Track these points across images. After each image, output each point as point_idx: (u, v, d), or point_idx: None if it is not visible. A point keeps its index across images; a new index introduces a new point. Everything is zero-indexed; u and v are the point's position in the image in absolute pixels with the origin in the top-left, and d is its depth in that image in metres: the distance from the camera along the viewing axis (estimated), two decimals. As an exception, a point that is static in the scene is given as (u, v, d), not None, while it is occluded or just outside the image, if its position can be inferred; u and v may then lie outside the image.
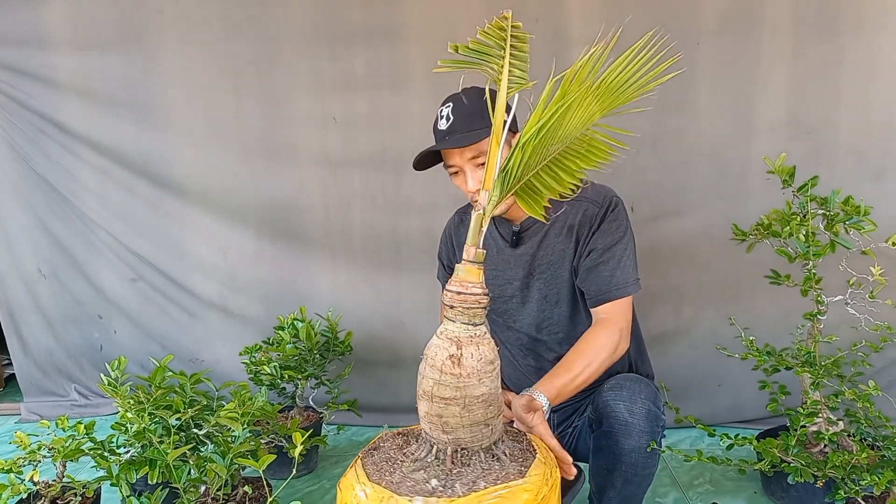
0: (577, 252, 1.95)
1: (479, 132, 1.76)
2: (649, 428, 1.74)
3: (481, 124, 1.76)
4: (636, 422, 1.73)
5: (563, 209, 1.97)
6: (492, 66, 1.44)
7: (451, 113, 1.82)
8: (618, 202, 1.96)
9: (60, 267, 3.49)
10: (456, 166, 1.86)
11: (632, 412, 1.73)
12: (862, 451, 1.93)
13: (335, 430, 3.15)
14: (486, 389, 1.39)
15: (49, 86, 3.24)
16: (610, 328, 1.86)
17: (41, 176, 3.35)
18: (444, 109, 1.85)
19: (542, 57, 2.86)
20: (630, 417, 1.73)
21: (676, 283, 3.06)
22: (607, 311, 1.91)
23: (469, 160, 1.83)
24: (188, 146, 3.26)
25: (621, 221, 1.93)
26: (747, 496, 2.57)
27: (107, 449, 2.09)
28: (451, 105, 1.84)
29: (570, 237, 1.96)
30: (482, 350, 1.39)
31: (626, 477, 1.77)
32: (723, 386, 3.13)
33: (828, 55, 2.80)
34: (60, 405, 3.55)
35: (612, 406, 1.76)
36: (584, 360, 1.81)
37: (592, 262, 1.91)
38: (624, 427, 1.74)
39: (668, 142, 2.95)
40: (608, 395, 1.79)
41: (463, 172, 1.86)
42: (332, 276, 3.30)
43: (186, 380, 2.13)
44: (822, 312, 2.21)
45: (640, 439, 1.73)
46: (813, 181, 2.14)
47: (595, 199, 1.96)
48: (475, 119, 1.79)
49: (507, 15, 1.37)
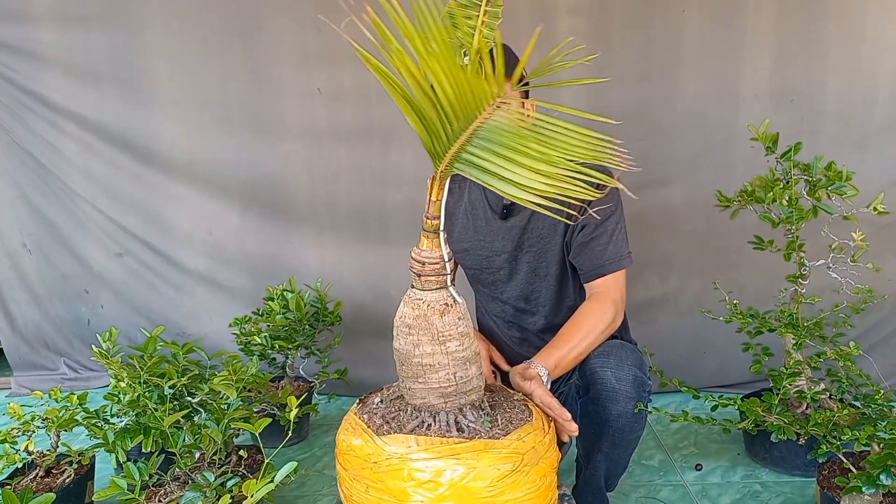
0: (568, 226, 1.97)
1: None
2: (636, 394, 1.78)
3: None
4: (623, 388, 1.76)
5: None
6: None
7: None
8: (612, 200, 1.97)
9: (45, 242, 3.48)
10: None
11: (619, 378, 1.77)
12: (843, 410, 1.98)
13: (326, 399, 3.18)
14: (452, 350, 1.42)
15: (31, 60, 3.20)
16: (605, 301, 1.89)
17: (25, 150, 3.33)
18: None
19: (527, 26, 2.89)
20: (617, 384, 1.76)
21: (663, 251, 3.10)
22: (602, 285, 1.93)
23: None
24: (172, 119, 3.24)
25: (613, 196, 1.95)
26: (731, 457, 2.63)
27: (101, 418, 2.11)
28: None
29: (560, 211, 1.96)
30: (446, 318, 1.43)
31: (613, 441, 1.81)
32: (708, 353, 3.18)
33: (812, 24, 2.82)
34: (50, 379, 3.55)
35: (600, 373, 1.79)
36: (581, 332, 1.84)
37: (585, 238, 1.93)
38: (611, 393, 1.77)
39: (654, 111, 2.98)
40: (595, 361, 1.82)
41: None
42: (319, 248, 3.31)
43: (179, 349, 2.14)
44: (804, 275, 2.25)
45: (626, 405, 1.77)
46: (797, 147, 2.17)
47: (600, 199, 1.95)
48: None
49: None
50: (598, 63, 2.92)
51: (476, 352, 1.49)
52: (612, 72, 2.94)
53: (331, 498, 2.46)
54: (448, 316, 1.43)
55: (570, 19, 2.90)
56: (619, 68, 2.94)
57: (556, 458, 1.51)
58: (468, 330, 1.47)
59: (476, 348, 1.49)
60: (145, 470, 1.71)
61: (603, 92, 2.97)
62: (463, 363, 1.44)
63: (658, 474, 2.55)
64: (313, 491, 2.52)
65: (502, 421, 1.49)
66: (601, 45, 2.92)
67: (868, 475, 1.63)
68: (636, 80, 2.95)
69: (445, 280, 1.45)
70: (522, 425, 1.46)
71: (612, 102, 2.97)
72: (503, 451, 1.37)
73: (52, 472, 2.29)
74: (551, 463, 1.48)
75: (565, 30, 2.91)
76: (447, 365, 1.42)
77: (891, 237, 2.92)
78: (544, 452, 1.46)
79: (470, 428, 1.44)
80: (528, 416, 1.52)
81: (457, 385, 1.44)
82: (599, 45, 2.92)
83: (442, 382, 1.43)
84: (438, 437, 1.39)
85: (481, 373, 1.52)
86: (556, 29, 2.92)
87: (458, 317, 1.44)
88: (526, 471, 1.38)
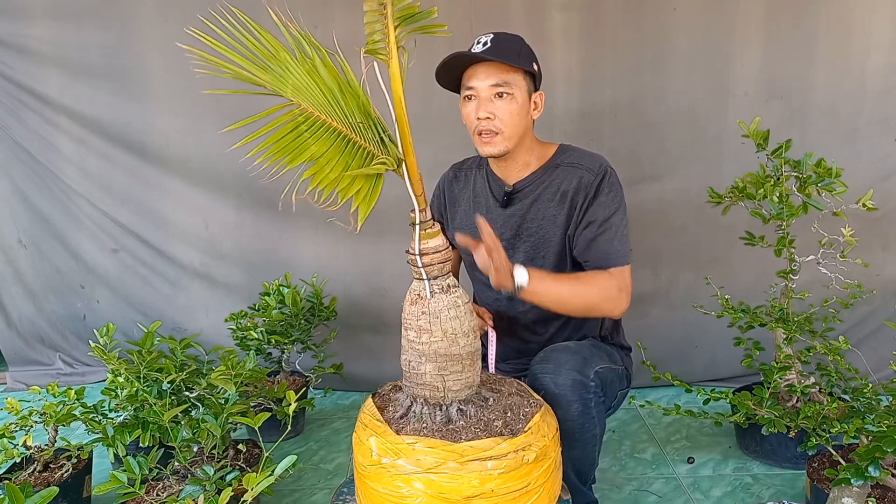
0: (571, 220, 1.98)
1: (517, 60, 1.84)
2: (576, 396, 1.78)
3: (517, 60, 1.84)
4: (562, 392, 1.77)
5: (556, 175, 2.00)
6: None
7: (491, 41, 1.85)
8: (612, 172, 1.99)
9: (41, 237, 3.49)
10: (474, 90, 1.88)
11: (556, 384, 1.78)
12: (832, 403, 2.02)
13: (322, 394, 3.20)
14: (450, 335, 1.47)
15: (26, 55, 3.21)
16: (612, 281, 1.90)
17: (20, 145, 3.33)
18: (484, 37, 1.87)
19: (521, 21, 2.91)
20: (556, 389, 1.78)
21: (654, 245, 3.12)
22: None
23: (490, 86, 1.85)
24: (167, 114, 3.25)
25: (617, 191, 1.97)
26: (722, 451, 2.66)
27: (99, 412, 2.12)
28: (492, 35, 1.87)
29: (562, 203, 1.98)
30: (438, 304, 1.48)
31: (568, 443, 1.80)
32: (699, 347, 3.21)
33: (801, 19, 2.85)
34: (45, 374, 3.56)
35: (540, 379, 1.82)
36: (579, 284, 1.87)
37: (592, 234, 1.95)
38: (552, 398, 1.78)
39: (645, 106, 3.00)
40: (536, 368, 1.85)
41: (477, 98, 1.88)
42: (314, 244, 3.33)
43: (176, 344, 2.16)
44: (794, 271, 2.28)
45: (568, 409, 1.77)
46: (787, 144, 2.20)
47: (590, 166, 1.98)
48: (513, 54, 1.85)
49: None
50: (591, 58, 2.95)
51: (479, 347, 1.53)
52: (603, 67, 2.97)
53: (327, 491, 2.49)
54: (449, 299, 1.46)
55: (562, 14, 2.92)
56: (611, 64, 2.96)
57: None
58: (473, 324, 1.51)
59: (478, 345, 1.52)
60: (145, 464, 1.72)
61: (595, 87, 2.99)
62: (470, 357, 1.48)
63: (651, 467, 2.58)
64: (309, 485, 2.54)
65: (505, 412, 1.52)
66: (593, 40, 2.94)
67: (857, 467, 1.66)
68: (628, 75, 2.97)
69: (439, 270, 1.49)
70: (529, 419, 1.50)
71: (603, 97, 2.99)
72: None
73: (49, 467, 2.31)
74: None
75: (558, 25, 2.93)
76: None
77: (878, 231, 2.95)
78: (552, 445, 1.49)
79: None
80: (533, 406, 1.55)
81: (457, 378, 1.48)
82: (591, 40, 2.94)
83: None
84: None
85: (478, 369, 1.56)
86: (550, 24, 2.94)
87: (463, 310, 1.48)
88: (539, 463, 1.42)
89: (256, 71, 1.44)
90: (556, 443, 1.51)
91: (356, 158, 1.47)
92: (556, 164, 2.01)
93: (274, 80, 1.46)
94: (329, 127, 1.48)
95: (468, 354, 1.51)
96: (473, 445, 1.40)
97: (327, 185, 1.44)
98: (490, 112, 1.86)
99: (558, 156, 2.04)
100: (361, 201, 1.47)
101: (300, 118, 1.47)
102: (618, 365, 2.05)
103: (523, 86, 1.89)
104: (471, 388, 1.55)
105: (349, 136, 1.48)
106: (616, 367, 2.03)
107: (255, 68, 1.44)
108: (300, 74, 1.45)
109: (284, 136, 1.46)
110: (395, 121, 1.41)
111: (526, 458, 1.42)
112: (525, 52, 1.91)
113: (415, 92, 2.01)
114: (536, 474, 1.44)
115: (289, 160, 1.46)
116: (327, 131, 1.48)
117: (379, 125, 1.48)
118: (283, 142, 1.46)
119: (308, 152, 1.46)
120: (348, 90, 1.44)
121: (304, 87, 1.46)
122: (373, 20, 1.37)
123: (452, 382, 1.51)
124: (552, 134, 2.93)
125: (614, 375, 2.01)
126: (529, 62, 1.90)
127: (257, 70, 1.44)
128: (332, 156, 1.47)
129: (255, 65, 1.44)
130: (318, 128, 1.48)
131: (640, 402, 2.43)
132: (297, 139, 1.47)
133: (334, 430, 3.00)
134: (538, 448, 1.44)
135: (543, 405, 1.58)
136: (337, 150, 1.47)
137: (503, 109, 1.87)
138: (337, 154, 1.47)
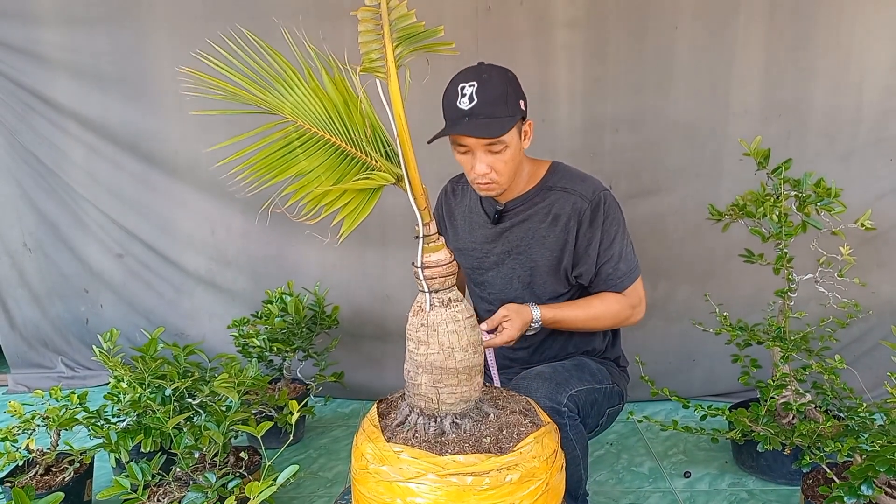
0: (565, 245, 2.02)
1: (504, 121, 1.81)
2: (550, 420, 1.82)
3: (504, 112, 1.81)
4: None
5: (548, 198, 2.03)
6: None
7: (476, 94, 1.80)
8: (606, 196, 2.01)
9: (46, 241, 3.52)
10: (468, 147, 1.87)
11: None
12: (827, 421, 2.04)
13: (322, 402, 3.22)
14: (450, 347, 1.50)
15: (36, 61, 3.24)
16: (625, 301, 2.03)
17: (29, 150, 3.37)
18: (468, 88, 1.81)
19: (526, 37, 2.94)
20: None
21: (653, 258, 3.15)
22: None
23: (484, 145, 1.85)
24: (176, 121, 3.28)
25: (615, 215, 2.01)
26: (718, 466, 2.68)
27: (102, 417, 2.14)
28: (476, 85, 1.81)
29: (554, 226, 2.02)
30: (436, 317, 1.51)
31: None
32: (697, 361, 3.23)
33: (800, 41, 2.88)
34: (47, 377, 3.59)
35: None
36: (591, 309, 2.02)
37: (597, 265, 2.02)
38: None
39: (646, 122, 3.03)
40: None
41: (473, 154, 1.88)
42: (319, 250, 3.36)
43: (180, 351, 2.18)
44: (792, 290, 2.30)
45: None
46: (787, 164, 2.23)
47: (584, 193, 2.00)
48: (499, 105, 1.81)
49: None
50: (594, 75, 2.99)
51: (480, 363, 1.55)
52: (606, 83, 3.00)
53: (326, 499, 2.50)
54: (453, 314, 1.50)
55: (567, 32, 2.95)
56: (614, 80, 3.00)
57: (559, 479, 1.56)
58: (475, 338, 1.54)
59: (478, 361, 1.55)
60: (148, 470, 1.74)
61: (597, 103, 3.02)
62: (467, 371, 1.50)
63: (647, 481, 2.60)
64: (308, 492, 2.56)
65: (500, 429, 1.54)
66: (597, 57, 2.97)
67: (850, 485, 1.68)
68: (630, 91, 3.00)
69: (446, 283, 1.52)
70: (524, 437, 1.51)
71: (606, 113, 3.03)
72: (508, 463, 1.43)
73: (51, 471, 2.33)
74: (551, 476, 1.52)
75: (563, 42, 2.96)
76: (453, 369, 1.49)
77: (874, 251, 2.98)
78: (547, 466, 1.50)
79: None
80: (530, 427, 1.56)
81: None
82: (595, 57, 2.97)
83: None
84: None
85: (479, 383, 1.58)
86: (554, 41, 2.97)
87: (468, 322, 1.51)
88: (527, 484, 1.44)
89: (258, 92, 1.46)
90: (549, 465, 1.51)
91: (351, 173, 1.49)
92: (549, 187, 2.05)
93: (274, 102, 1.48)
94: (325, 142, 1.50)
95: (465, 369, 1.53)
96: (456, 460, 1.41)
97: (312, 198, 1.46)
98: (487, 166, 1.88)
99: (550, 176, 2.07)
100: (348, 214, 1.49)
101: (294, 135, 1.49)
102: (604, 384, 2.06)
103: (514, 132, 1.88)
104: (467, 402, 1.56)
105: (348, 150, 1.50)
106: (601, 386, 2.04)
107: (258, 89, 1.46)
108: (303, 93, 1.47)
109: (273, 152, 1.48)
110: (396, 137, 1.43)
111: (509, 477, 1.42)
112: (512, 98, 1.86)
113: (421, 104, 2.03)
114: (521, 495, 1.44)
115: (273, 175, 1.48)
116: (322, 147, 1.50)
117: (384, 140, 1.50)
118: (271, 158, 1.48)
119: (296, 168, 1.48)
120: (355, 105, 1.47)
121: (304, 104, 1.48)
122: (368, 39, 1.39)
123: (447, 395, 1.53)
124: (555, 147, 2.98)
125: (598, 395, 2.02)
126: (516, 107, 1.86)
127: (259, 91, 1.46)
128: (322, 170, 1.48)
129: (258, 86, 1.47)
130: (313, 143, 1.50)
131: (639, 416, 2.45)
132: (286, 156, 1.49)
133: (334, 439, 3.02)
134: (525, 469, 1.44)
135: (545, 426, 1.58)
136: (331, 164, 1.49)
137: (499, 162, 1.88)
138: (330, 168, 1.49)
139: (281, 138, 1.48)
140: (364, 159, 1.50)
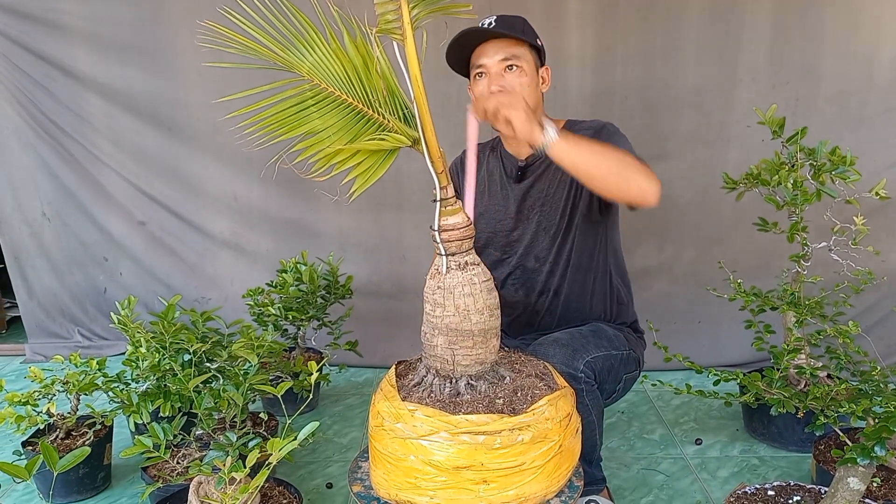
0: (574, 181, 2.03)
1: (522, 35, 1.91)
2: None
3: (522, 35, 1.92)
4: None
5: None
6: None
7: (495, 21, 1.92)
8: (609, 124, 2.05)
9: (65, 210, 3.55)
10: (484, 66, 1.94)
11: None
12: (841, 384, 2.05)
13: (336, 370, 3.25)
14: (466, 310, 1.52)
15: (56, 30, 3.26)
16: (645, 166, 1.76)
17: (49, 119, 3.40)
18: (488, 19, 1.93)
19: (538, 4, 2.94)
20: None
21: (660, 222, 3.19)
22: None
23: (500, 60, 1.92)
24: (197, 88, 3.31)
25: (621, 136, 2.01)
26: (729, 433, 2.71)
27: (122, 381, 2.17)
28: (496, 17, 1.94)
29: None
30: (453, 280, 1.52)
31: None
32: (702, 323, 3.27)
33: (809, 7, 2.87)
34: (64, 346, 3.64)
35: None
36: (613, 149, 1.73)
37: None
38: None
39: (655, 89, 3.06)
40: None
41: (488, 75, 1.94)
42: (338, 214, 3.41)
43: (198, 316, 2.20)
44: (806, 256, 2.30)
45: None
46: (803, 131, 2.22)
47: (591, 125, 2.05)
48: (518, 28, 1.93)
49: None
50: (604, 42, 3.02)
51: (496, 326, 1.57)
52: (616, 51, 3.03)
53: (341, 464, 2.54)
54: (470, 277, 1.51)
55: (578, 21, 2.98)
56: (624, 48, 3.02)
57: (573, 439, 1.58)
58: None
59: (494, 324, 1.56)
60: (169, 430, 1.77)
61: (607, 71, 3.04)
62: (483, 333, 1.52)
63: (659, 447, 2.63)
64: (324, 457, 2.60)
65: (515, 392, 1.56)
66: (607, 25, 3.00)
67: (863, 447, 1.70)
68: (639, 59, 3.02)
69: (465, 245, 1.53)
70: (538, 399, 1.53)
71: (615, 80, 3.06)
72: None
73: (72, 434, 2.37)
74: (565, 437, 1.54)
75: (574, 9, 2.98)
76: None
77: (885, 219, 2.99)
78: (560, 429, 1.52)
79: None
80: (545, 390, 1.58)
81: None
82: (605, 25, 3.00)
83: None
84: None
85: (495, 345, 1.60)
86: (566, 8, 2.98)
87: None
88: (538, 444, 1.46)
89: (279, 49, 1.47)
90: (563, 428, 1.54)
91: (365, 133, 1.50)
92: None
93: (293, 60, 1.49)
94: (340, 102, 1.51)
95: (480, 332, 1.55)
96: (469, 419, 1.44)
97: (324, 156, 1.47)
98: (502, 85, 1.91)
99: (565, 126, 2.08)
100: (360, 173, 1.50)
101: (308, 94, 1.50)
102: (621, 350, 2.07)
103: (531, 59, 1.96)
104: (482, 364, 1.58)
105: (363, 111, 1.51)
106: (618, 352, 2.06)
107: (278, 46, 1.47)
108: (323, 53, 1.48)
109: (286, 108, 1.50)
110: (413, 99, 1.43)
111: (521, 437, 1.45)
112: (529, 29, 1.99)
113: (439, 68, 2.03)
114: (533, 455, 1.46)
115: (285, 132, 1.49)
116: (337, 106, 1.51)
117: (402, 102, 1.51)
118: (284, 114, 1.49)
119: (307, 125, 1.49)
120: (374, 67, 1.47)
121: (323, 64, 1.49)
122: (384, 0, 1.40)
123: (462, 357, 1.55)
124: (565, 115, 2.95)
125: (615, 361, 2.04)
126: (534, 38, 1.98)
127: (280, 48, 1.47)
128: (336, 129, 1.49)
129: (279, 44, 1.47)
130: (328, 103, 1.51)
131: (652, 381, 2.46)
132: (298, 113, 1.50)
133: (348, 406, 3.06)
134: (537, 430, 1.46)
135: (560, 390, 1.60)
136: (346, 124, 1.50)
137: (514, 82, 1.92)
138: (344, 128, 1.50)
139: (295, 95, 1.49)
140: (380, 120, 1.51)
